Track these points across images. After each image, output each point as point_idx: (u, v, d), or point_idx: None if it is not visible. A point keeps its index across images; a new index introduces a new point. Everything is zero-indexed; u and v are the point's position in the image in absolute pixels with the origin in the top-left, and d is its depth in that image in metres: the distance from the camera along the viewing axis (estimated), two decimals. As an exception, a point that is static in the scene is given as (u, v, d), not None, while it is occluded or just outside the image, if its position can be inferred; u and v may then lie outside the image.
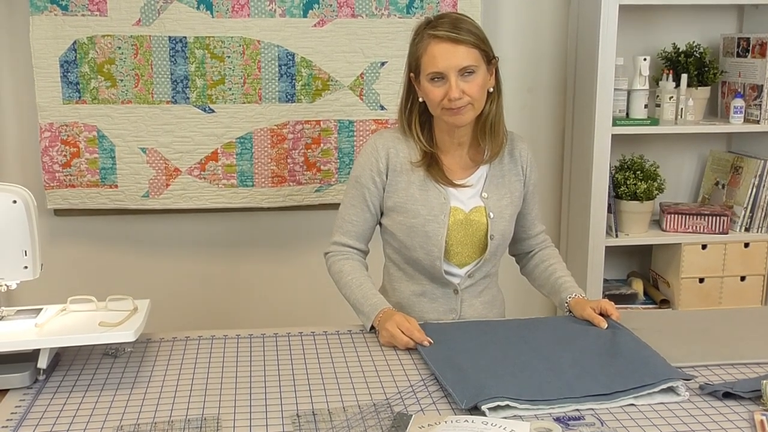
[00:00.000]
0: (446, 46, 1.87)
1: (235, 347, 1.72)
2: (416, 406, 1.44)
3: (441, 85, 1.88)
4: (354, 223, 2.02)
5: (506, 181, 2.03)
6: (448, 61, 1.86)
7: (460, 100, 1.86)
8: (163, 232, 2.99)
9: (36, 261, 1.60)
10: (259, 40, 2.77)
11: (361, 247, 2.05)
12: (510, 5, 3.01)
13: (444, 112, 1.90)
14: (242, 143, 2.83)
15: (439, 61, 1.87)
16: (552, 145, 3.14)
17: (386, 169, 1.99)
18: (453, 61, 1.87)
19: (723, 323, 1.86)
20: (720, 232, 2.97)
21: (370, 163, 1.99)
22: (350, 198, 2.03)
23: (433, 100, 1.90)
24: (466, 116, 1.92)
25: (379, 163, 1.98)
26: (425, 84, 1.90)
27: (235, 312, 3.07)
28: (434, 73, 1.87)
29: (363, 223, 2.03)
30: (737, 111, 2.92)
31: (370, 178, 1.99)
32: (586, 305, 1.89)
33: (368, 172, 1.99)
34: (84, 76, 2.73)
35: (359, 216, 2.02)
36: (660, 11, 3.07)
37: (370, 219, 2.03)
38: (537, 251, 2.15)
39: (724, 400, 1.46)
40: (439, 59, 1.87)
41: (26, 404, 1.45)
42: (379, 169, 1.98)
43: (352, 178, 2.03)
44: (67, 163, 2.78)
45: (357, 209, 2.02)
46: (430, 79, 1.88)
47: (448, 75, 1.86)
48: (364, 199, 2.00)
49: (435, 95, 1.89)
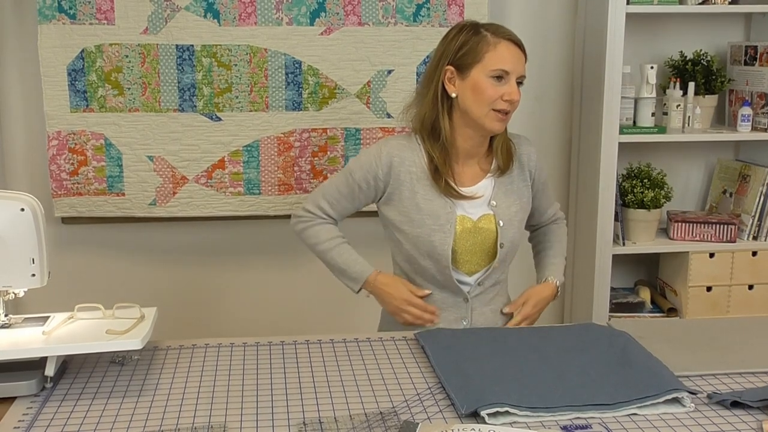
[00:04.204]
0: (516, 50, 1.92)
1: (241, 355, 1.72)
2: (423, 414, 1.44)
3: (500, 85, 1.89)
4: (339, 203, 2.06)
5: (515, 188, 2.03)
6: (515, 65, 1.90)
7: (514, 104, 1.90)
8: (169, 240, 2.99)
9: (43, 269, 1.61)
10: (266, 49, 2.78)
11: (338, 218, 2.10)
12: (517, 13, 3.01)
13: (492, 114, 1.91)
14: (249, 151, 2.84)
15: (510, 60, 1.89)
16: (559, 153, 3.14)
17: (386, 178, 1.99)
18: (519, 65, 1.91)
19: (731, 332, 1.85)
20: (728, 241, 2.96)
21: (369, 165, 2.00)
22: (340, 184, 2.05)
23: (489, 97, 1.89)
24: (506, 123, 1.95)
25: (379, 171, 1.98)
26: (482, 79, 1.89)
27: (242, 320, 3.07)
28: (501, 71, 1.89)
29: (345, 208, 2.08)
30: (745, 119, 2.91)
31: (363, 179, 2.00)
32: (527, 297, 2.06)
33: (364, 172, 2.00)
34: (91, 84, 2.74)
35: (342, 202, 2.06)
36: (667, 19, 3.07)
37: (349, 207, 2.08)
38: (543, 226, 2.23)
39: (732, 410, 1.46)
40: (510, 59, 1.89)
41: (34, 412, 1.45)
42: (376, 175, 1.99)
43: (348, 169, 2.05)
44: (75, 171, 2.79)
45: (342, 195, 2.05)
46: (492, 76, 1.88)
47: (511, 76, 1.89)
48: (352, 192, 2.04)
49: (492, 92, 1.89)
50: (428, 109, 1.98)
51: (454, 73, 1.93)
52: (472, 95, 1.91)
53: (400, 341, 1.80)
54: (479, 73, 1.89)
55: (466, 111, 1.93)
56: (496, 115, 1.91)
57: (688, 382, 1.56)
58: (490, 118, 1.91)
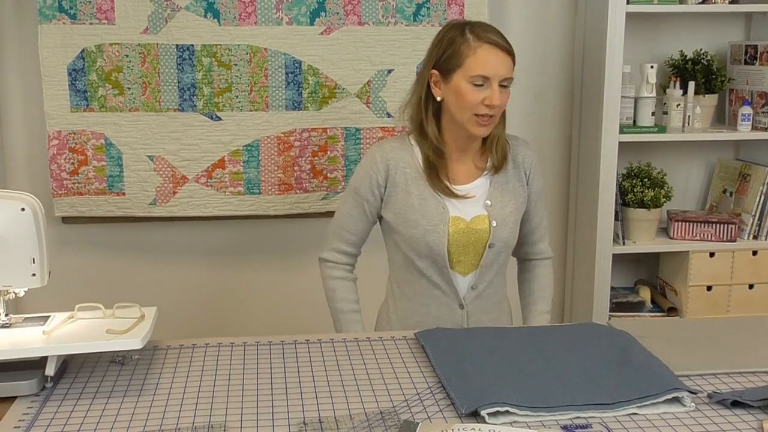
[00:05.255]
0: (498, 53, 1.88)
1: (242, 354, 1.72)
2: (423, 413, 1.44)
3: (481, 90, 1.87)
4: (352, 232, 2.07)
5: (510, 188, 2.03)
6: (497, 69, 1.87)
7: (495, 108, 1.88)
8: (170, 240, 2.99)
9: (44, 268, 1.61)
10: (266, 48, 2.78)
11: (357, 252, 2.12)
12: (516, 12, 3.01)
13: (473, 119, 1.90)
14: (249, 151, 2.84)
15: (490, 65, 1.86)
16: (559, 152, 3.14)
17: (385, 182, 1.99)
18: (501, 69, 1.88)
19: (731, 331, 1.85)
20: (728, 240, 2.96)
21: (369, 175, 2.00)
22: (348, 207, 2.05)
23: (469, 103, 1.88)
24: (491, 128, 1.93)
25: (378, 177, 1.99)
26: (462, 85, 1.88)
27: (242, 319, 3.08)
28: (481, 77, 1.86)
29: (361, 232, 2.08)
30: (745, 118, 2.91)
31: (369, 190, 2.00)
32: None
33: (367, 183, 2.00)
34: (92, 84, 2.74)
35: (357, 225, 2.06)
36: (667, 19, 3.07)
37: (368, 227, 2.08)
38: (533, 264, 2.17)
39: (732, 409, 1.45)
40: (490, 64, 1.86)
41: (34, 411, 1.45)
42: (378, 182, 1.99)
43: (351, 188, 2.05)
44: (75, 170, 2.79)
45: (355, 218, 2.05)
46: (472, 82, 1.87)
47: (492, 81, 1.87)
48: (363, 210, 2.03)
49: (472, 98, 1.87)
50: (415, 111, 1.99)
51: (438, 76, 1.93)
52: (455, 100, 1.90)
53: (400, 341, 1.80)
54: (460, 78, 1.88)
55: (451, 114, 1.94)
56: (478, 120, 1.90)
57: (689, 381, 1.56)
58: (472, 123, 1.90)
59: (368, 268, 2.28)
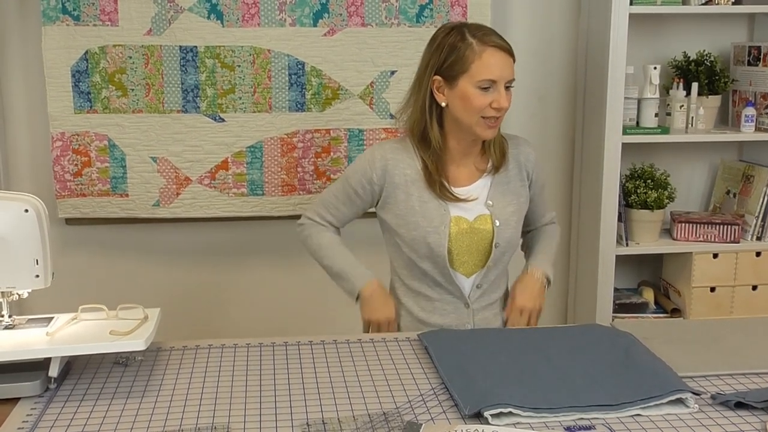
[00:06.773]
0: (502, 55, 1.89)
1: (245, 356, 1.72)
2: (426, 415, 1.44)
3: (488, 94, 1.88)
4: (338, 209, 2.09)
5: (512, 187, 2.03)
6: (502, 71, 1.88)
7: (503, 110, 1.90)
8: (173, 241, 3.00)
9: (47, 270, 1.61)
10: (269, 50, 2.78)
11: (339, 225, 2.13)
12: (520, 14, 3.01)
13: (482, 121, 1.91)
14: (252, 152, 2.84)
15: (495, 69, 1.87)
16: (562, 153, 3.14)
17: (381, 182, 1.99)
18: (506, 71, 1.89)
19: (734, 332, 1.85)
20: (731, 241, 2.96)
21: (364, 170, 2.01)
22: (338, 191, 2.08)
23: (477, 107, 1.89)
24: (497, 129, 1.95)
25: (373, 174, 1.99)
26: (469, 89, 1.88)
27: (245, 320, 3.08)
28: (488, 81, 1.87)
29: (342, 215, 2.10)
30: (748, 120, 2.91)
31: (359, 184, 2.02)
32: (516, 298, 2.06)
33: (359, 177, 2.02)
34: (95, 85, 2.75)
35: (340, 209, 2.08)
36: (670, 20, 3.06)
37: (348, 213, 2.10)
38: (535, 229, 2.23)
39: (736, 410, 1.45)
40: (496, 67, 1.87)
41: (37, 412, 1.46)
42: (370, 179, 2.00)
43: (344, 175, 2.08)
44: (79, 172, 2.79)
45: (340, 202, 2.08)
46: (479, 86, 1.88)
47: (499, 84, 1.88)
48: (350, 198, 2.06)
49: (480, 102, 1.88)
50: (417, 117, 1.99)
51: (442, 82, 1.93)
52: (461, 104, 1.91)
53: (403, 342, 1.80)
54: (466, 83, 1.88)
55: (457, 118, 1.94)
56: (486, 123, 1.91)
57: (692, 382, 1.56)
58: (480, 125, 1.91)
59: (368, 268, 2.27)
